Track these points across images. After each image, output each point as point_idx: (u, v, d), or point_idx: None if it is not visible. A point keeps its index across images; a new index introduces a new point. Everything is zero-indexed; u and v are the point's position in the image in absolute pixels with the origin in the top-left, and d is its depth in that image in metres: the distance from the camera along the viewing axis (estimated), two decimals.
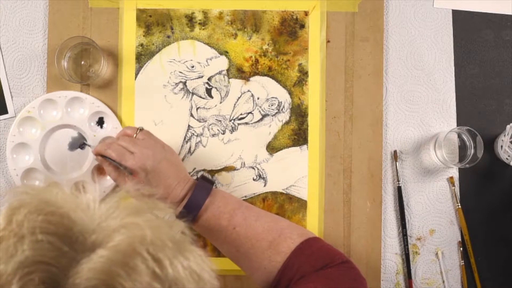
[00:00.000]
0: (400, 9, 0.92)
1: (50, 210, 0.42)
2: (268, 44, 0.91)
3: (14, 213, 0.42)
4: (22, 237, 0.41)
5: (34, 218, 0.42)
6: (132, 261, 0.40)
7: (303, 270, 0.71)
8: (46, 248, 0.40)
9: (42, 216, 0.42)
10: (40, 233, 0.41)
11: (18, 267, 0.39)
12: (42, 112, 0.88)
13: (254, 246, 0.75)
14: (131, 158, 0.74)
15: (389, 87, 0.92)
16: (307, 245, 0.74)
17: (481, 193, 0.92)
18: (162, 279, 0.41)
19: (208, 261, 0.45)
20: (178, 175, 0.77)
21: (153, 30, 0.91)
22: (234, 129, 0.91)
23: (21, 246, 0.40)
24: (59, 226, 0.42)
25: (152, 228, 0.42)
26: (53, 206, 0.43)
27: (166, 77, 0.90)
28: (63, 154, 0.89)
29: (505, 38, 0.93)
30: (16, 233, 0.41)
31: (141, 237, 0.41)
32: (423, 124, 0.92)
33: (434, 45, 0.92)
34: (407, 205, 0.91)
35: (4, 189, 0.89)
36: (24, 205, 0.43)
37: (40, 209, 0.42)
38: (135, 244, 0.41)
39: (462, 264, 0.90)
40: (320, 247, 0.75)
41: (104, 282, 0.39)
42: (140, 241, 0.41)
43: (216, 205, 0.76)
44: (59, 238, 0.41)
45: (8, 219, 0.42)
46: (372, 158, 0.90)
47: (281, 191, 0.90)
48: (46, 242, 0.40)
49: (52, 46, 0.89)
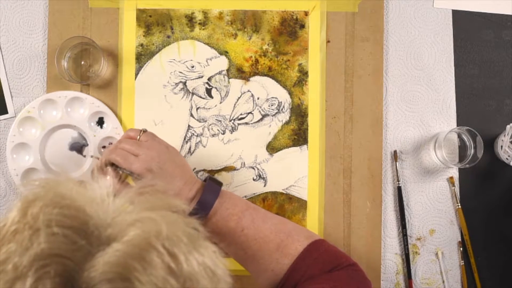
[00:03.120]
0: (400, 9, 0.92)
1: (65, 204, 0.42)
2: (268, 44, 0.91)
3: (30, 205, 0.43)
4: (37, 230, 0.41)
5: (49, 211, 0.42)
6: (147, 255, 0.40)
7: (310, 272, 0.71)
8: (62, 241, 0.40)
9: (57, 209, 0.42)
10: (56, 226, 0.41)
11: (34, 260, 0.39)
12: (42, 112, 0.88)
13: (262, 248, 0.74)
14: (136, 161, 0.73)
15: (389, 87, 0.92)
16: (314, 247, 0.74)
17: (481, 193, 0.92)
18: (177, 274, 0.41)
19: (221, 258, 0.45)
20: (184, 176, 0.75)
21: (153, 30, 0.91)
22: (234, 129, 0.91)
23: (36, 238, 0.40)
24: (74, 219, 0.42)
25: (168, 223, 0.42)
26: (68, 200, 0.43)
27: (166, 77, 0.90)
28: (63, 154, 0.89)
29: (505, 38, 0.93)
30: (31, 226, 0.41)
31: (157, 232, 0.41)
32: (423, 124, 0.92)
33: (434, 45, 0.92)
34: (407, 205, 0.91)
35: (4, 189, 0.90)
36: (39, 198, 0.43)
37: (56, 202, 0.42)
38: (151, 239, 0.41)
39: (462, 264, 0.90)
40: (327, 249, 0.75)
41: (120, 275, 0.39)
42: (155, 235, 0.41)
43: (224, 207, 0.75)
44: (75, 232, 0.41)
45: (23, 212, 0.42)
46: (372, 158, 0.90)
47: (281, 191, 0.90)
48: (62, 235, 0.40)
49: (52, 46, 0.89)
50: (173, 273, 0.40)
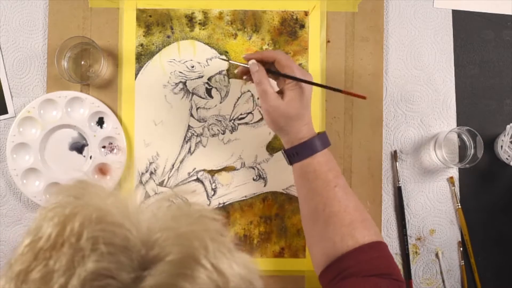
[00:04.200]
0: (400, 9, 0.92)
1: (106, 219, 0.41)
2: (268, 44, 0.91)
3: (69, 220, 0.40)
4: (81, 249, 0.39)
5: (93, 227, 0.40)
6: (196, 273, 0.39)
7: (360, 267, 0.71)
8: (109, 260, 0.39)
9: (100, 225, 0.40)
10: (103, 243, 0.39)
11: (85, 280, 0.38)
12: (42, 112, 0.88)
13: (339, 214, 0.74)
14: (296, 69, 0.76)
15: (389, 87, 0.92)
16: (377, 247, 0.74)
17: (481, 193, 0.92)
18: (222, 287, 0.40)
19: (255, 266, 0.44)
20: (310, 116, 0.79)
21: (153, 30, 0.91)
22: (234, 129, 0.91)
23: (82, 258, 0.38)
24: (116, 236, 0.40)
25: (211, 237, 0.41)
26: (107, 215, 0.41)
27: (166, 77, 0.90)
28: (63, 154, 0.89)
29: (505, 38, 0.93)
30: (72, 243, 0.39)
31: (202, 247, 0.40)
32: (423, 124, 0.92)
33: (434, 45, 0.92)
34: (407, 205, 0.91)
35: (4, 189, 0.90)
36: (79, 213, 0.41)
37: (97, 218, 0.40)
38: (198, 255, 0.40)
39: (462, 264, 0.90)
40: (386, 255, 0.75)
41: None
42: (201, 251, 0.40)
43: (330, 158, 0.77)
44: (118, 249, 0.39)
45: (61, 227, 0.40)
46: (372, 158, 0.90)
47: (281, 191, 0.90)
48: (107, 254, 0.39)
49: (52, 46, 0.89)
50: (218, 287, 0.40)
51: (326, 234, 0.75)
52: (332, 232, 0.74)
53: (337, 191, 0.75)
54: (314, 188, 0.76)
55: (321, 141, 0.77)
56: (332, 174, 0.76)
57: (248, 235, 0.90)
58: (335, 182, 0.76)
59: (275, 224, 0.90)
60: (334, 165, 0.77)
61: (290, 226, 0.90)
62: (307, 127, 0.77)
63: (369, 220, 0.77)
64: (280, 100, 0.76)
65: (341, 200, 0.75)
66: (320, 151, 0.76)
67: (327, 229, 0.75)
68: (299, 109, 0.76)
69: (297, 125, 0.76)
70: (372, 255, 0.72)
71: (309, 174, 0.77)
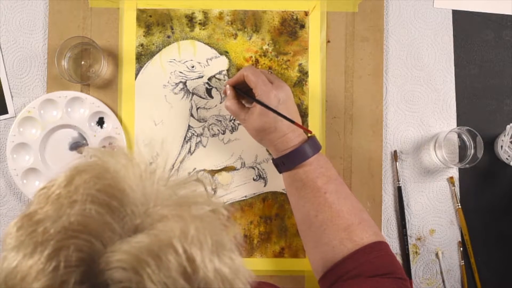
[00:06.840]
0: (400, 9, 0.92)
1: (108, 181, 0.42)
2: (268, 44, 0.91)
3: (77, 175, 0.43)
4: (74, 202, 0.41)
5: (91, 186, 0.41)
6: (164, 255, 0.39)
7: (362, 269, 0.71)
8: (93, 218, 0.40)
9: (99, 185, 0.42)
10: (91, 202, 0.41)
11: (60, 231, 0.40)
12: (42, 112, 0.88)
13: (333, 220, 0.75)
14: (270, 85, 0.77)
15: (389, 87, 0.92)
16: (378, 246, 0.74)
17: (481, 193, 0.92)
18: (192, 278, 0.40)
19: (246, 271, 0.44)
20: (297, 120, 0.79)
21: (153, 30, 0.91)
22: (234, 129, 0.91)
23: (70, 210, 0.40)
24: (113, 199, 0.41)
25: (198, 225, 0.41)
26: (113, 177, 0.43)
27: (166, 77, 0.90)
28: (63, 154, 0.89)
29: (505, 38, 0.93)
30: (70, 196, 0.41)
31: (182, 232, 0.40)
32: (423, 124, 0.92)
33: (434, 45, 0.92)
34: (407, 205, 0.91)
35: (4, 189, 0.89)
36: (88, 170, 0.43)
37: (100, 178, 0.42)
38: (174, 238, 0.40)
39: (462, 264, 0.90)
40: (388, 254, 0.75)
41: (133, 268, 0.38)
42: (179, 236, 0.40)
43: (319, 164, 0.77)
44: (110, 212, 0.41)
45: (69, 180, 0.43)
46: (372, 158, 0.90)
47: (281, 191, 0.90)
48: (95, 212, 0.40)
49: (52, 46, 0.89)
50: (187, 277, 0.39)
51: (322, 240, 0.75)
52: (329, 237, 0.74)
53: (328, 197, 0.76)
54: (303, 196, 0.77)
55: (310, 147, 0.77)
56: (322, 181, 0.76)
57: (248, 235, 0.90)
58: (324, 189, 0.76)
59: (275, 224, 0.90)
60: (325, 170, 0.77)
61: (290, 226, 0.90)
62: (288, 137, 0.78)
63: (368, 221, 0.77)
64: (247, 116, 0.79)
65: (333, 206, 0.75)
66: (309, 158, 0.77)
67: (322, 235, 0.75)
68: (267, 123, 0.77)
69: (272, 138, 0.78)
70: (372, 256, 0.72)
71: (297, 183, 0.78)
